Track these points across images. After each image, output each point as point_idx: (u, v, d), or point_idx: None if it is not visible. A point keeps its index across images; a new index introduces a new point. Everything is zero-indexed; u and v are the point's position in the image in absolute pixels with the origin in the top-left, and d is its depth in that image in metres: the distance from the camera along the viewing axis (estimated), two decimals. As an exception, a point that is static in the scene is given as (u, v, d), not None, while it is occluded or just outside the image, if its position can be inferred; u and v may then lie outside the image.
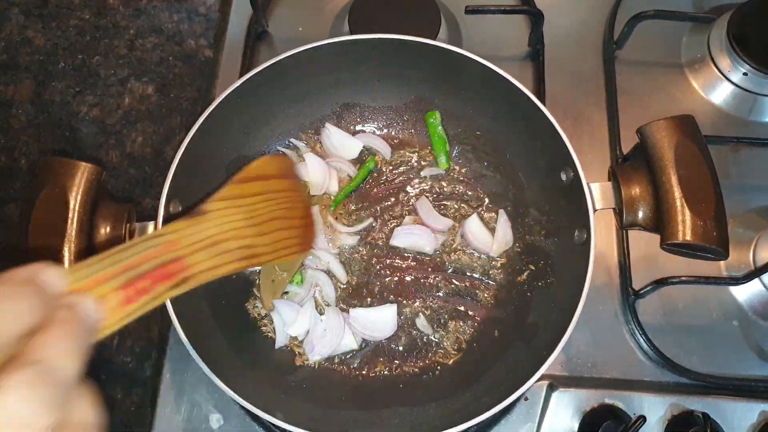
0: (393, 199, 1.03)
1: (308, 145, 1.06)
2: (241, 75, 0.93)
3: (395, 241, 1.00)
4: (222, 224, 0.69)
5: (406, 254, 1.00)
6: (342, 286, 0.98)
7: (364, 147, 1.05)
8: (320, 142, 1.06)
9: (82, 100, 1.17)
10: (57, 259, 0.76)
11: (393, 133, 1.08)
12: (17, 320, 0.35)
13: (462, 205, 1.03)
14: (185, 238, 0.62)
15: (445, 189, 1.04)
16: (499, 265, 0.99)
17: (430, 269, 1.00)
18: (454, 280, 0.99)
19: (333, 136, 1.04)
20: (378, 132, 1.08)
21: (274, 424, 0.76)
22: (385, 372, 0.94)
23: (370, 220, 1.02)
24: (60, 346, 0.35)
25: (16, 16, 1.23)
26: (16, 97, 1.17)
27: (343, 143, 1.04)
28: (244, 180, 0.78)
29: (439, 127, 1.04)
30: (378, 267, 1.00)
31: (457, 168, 1.05)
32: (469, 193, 1.03)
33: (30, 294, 0.37)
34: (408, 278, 0.99)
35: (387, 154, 1.05)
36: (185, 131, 0.87)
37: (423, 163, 1.06)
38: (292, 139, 1.05)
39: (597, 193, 0.84)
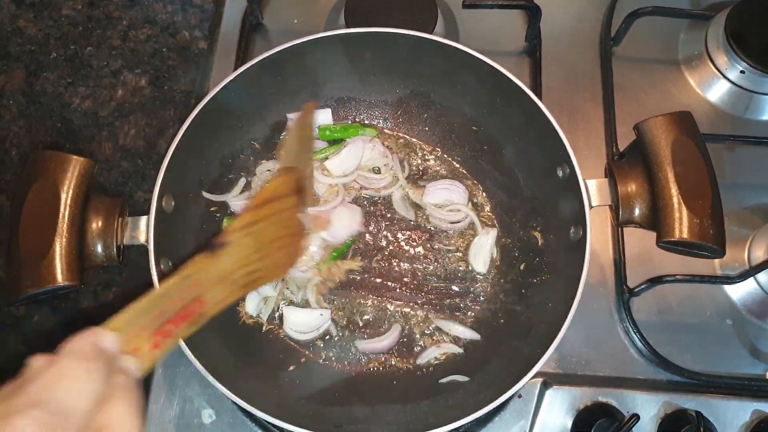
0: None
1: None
2: (236, 67, 0.92)
3: (429, 198, 1.01)
4: (235, 254, 0.69)
5: (400, 249, 1.00)
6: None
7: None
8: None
9: (75, 92, 1.15)
10: (47, 253, 0.75)
11: (388, 127, 1.07)
12: (93, 396, 0.40)
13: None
14: (207, 275, 0.64)
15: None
16: (493, 261, 0.99)
17: (424, 266, 0.99)
18: (448, 277, 0.98)
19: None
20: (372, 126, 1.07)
21: (266, 421, 0.75)
22: (379, 368, 0.94)
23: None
24: (129, 417, 0.42)
25: (7, 5, 1.22)
26: (7, 88, 1.15)
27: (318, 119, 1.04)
28: (261, 204, 0.77)
29: None
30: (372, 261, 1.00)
31: (453, 163, 1.05)
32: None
33: (99, 368, 0.42)
34: (404, 278, 0.99)
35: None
36: (179, 124, 0.86)
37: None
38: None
39: (593, 189, 0.83)
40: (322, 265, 0.97)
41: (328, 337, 0.95)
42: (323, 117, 1.04)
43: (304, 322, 0.94)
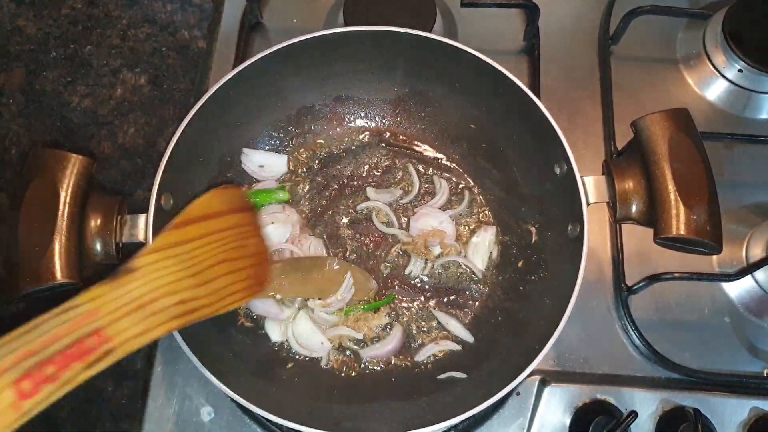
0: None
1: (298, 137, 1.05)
2: (235, 66, 0.92)
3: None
4: (152, 281, 0.61)
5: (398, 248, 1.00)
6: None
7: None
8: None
9: (74, 90, 1.16)
10: (46, 250, 0.75)
11: (386, 126, 1.07)
12: None
13: (452, 198, 1.03)
14: (106, 305, 0.55)
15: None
16: (492, 258, 0.99)
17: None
18: (446, 274, 0.99)
19: (253, 158, 1.01)
20: (370, 124, 1.07)
21: (265, 418, 0.76)
22: (377, 366, 0.94)
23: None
24: None
25: (7, 4, 1.22)
26: (7, 86, 1.16)
27: (268, 162, 1.02)
28: (183, 224, 0.68)
29: None
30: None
31: (450, 161, 1.05)
32: (462, 184, 1.04)
33: None
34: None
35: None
36: (178, 122, 0.86)
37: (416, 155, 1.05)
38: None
39: (590, 186, 0.84)
40: (351, 312, 0.95)
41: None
42: (279, 162, 1.03)
43: (306, 337, 0.93)
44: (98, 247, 0.80)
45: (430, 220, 0.99)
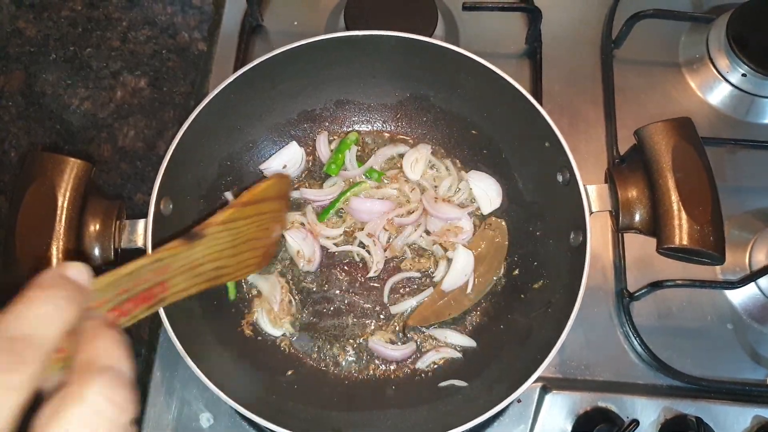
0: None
1: (300, 142, 1.04)
2: (235, 69, 0.92)
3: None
4: (208, 248, 0.68)
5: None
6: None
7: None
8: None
9: (74, 93, 1.15)
10: (44, 255, 0.74)
11: (387, 131, 1.07)
12: (61, 322, 0.39)
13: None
14: (177, 261, 0.62)
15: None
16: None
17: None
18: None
19: (273, 165, 1.03)
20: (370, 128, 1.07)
21: (265, 426, 0.75)
22: (377, 373, 0.93)
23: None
24: (117, 350, 0.41)
25: (7, 5, 1.22)
26: (7, 89, 1.15)
27: (286, 159, 1.03)
28: (247, 203, 0.76)
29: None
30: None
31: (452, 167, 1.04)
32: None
33: (66, 295, 0.41)
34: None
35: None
36: (178, 126, 0.86)
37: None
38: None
39: (593, 195, 0.83)
40: None
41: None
42: (295, 152, 1.03)
43: None
44: (96, 252, 0.80)
45: (450, 214, 0.99)
